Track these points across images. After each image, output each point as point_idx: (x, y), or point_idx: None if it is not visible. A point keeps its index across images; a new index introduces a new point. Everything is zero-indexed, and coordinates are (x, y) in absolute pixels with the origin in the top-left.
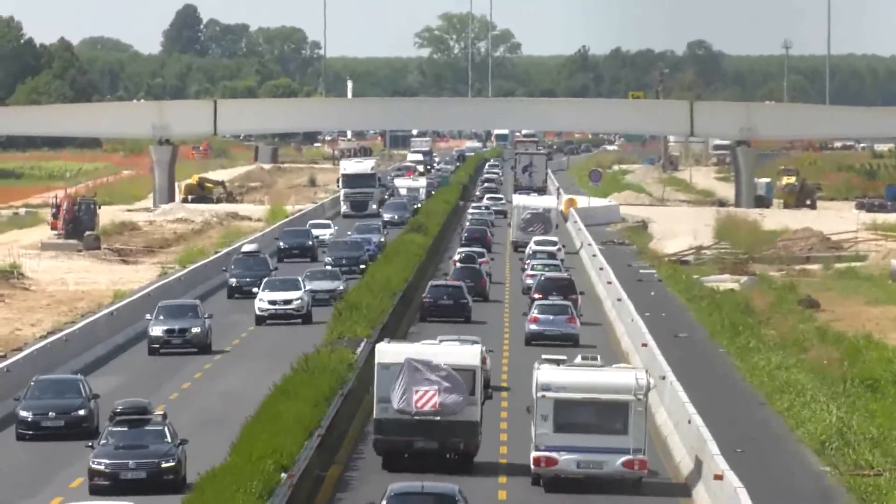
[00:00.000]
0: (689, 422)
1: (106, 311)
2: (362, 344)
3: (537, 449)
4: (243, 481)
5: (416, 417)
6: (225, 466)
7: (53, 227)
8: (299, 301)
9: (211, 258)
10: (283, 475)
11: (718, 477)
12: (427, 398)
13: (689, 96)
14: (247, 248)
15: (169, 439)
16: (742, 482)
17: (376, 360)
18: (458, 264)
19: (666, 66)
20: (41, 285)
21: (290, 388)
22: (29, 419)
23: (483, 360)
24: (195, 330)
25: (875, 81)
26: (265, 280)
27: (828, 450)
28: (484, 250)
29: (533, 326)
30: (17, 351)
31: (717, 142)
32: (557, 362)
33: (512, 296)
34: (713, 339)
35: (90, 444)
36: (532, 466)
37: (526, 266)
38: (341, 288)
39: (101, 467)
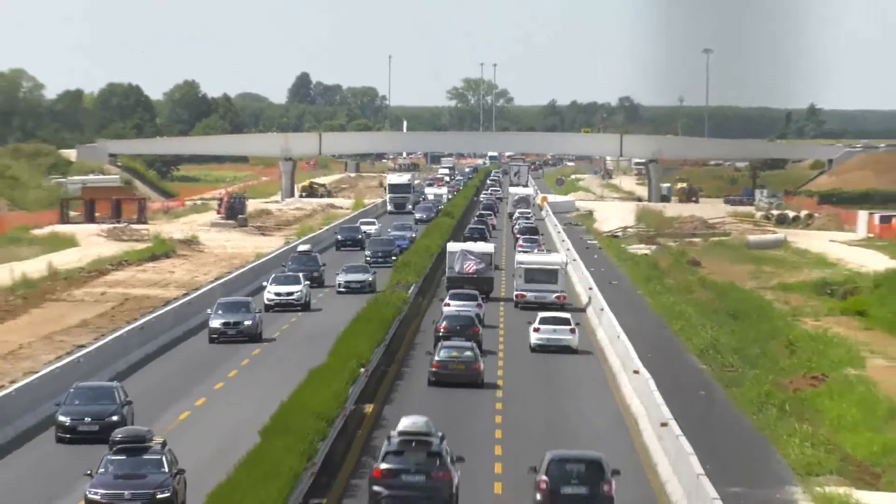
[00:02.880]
0: (619, 337)
1: (251, 265)
2: (412, 287)
3: (516, 290)
4: (335, 374)
5: (465, 275)
6: (324, 366)
7: (218, 213)
8: (299, 293)
9: (319, 231)
10: (362, 370)
11: (636, 372)
12: (470, 266)
13: (619, 130)
14: (301, 248)
15: (166, 468)
16: (651, 375)
17: (447, 249)
18: (476, 219)
19: (605, 112)
20: (210, 249)
21: (365, 315)
22: (67, 424)
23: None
24: (247, 322)
25: (738, 122)
26: (273, 275)
27: (705, 355)
28: (492, 213)
29: (519, 250)
30: (196, 290)
31: (637, 160)
32: (526, 253)
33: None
34: (634, 284)
35: (89, 471)
36: (514, 299)
37: (513, 223)
38: (370, 279)
39: (98, 497)
